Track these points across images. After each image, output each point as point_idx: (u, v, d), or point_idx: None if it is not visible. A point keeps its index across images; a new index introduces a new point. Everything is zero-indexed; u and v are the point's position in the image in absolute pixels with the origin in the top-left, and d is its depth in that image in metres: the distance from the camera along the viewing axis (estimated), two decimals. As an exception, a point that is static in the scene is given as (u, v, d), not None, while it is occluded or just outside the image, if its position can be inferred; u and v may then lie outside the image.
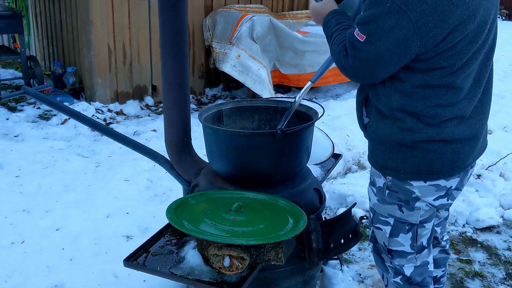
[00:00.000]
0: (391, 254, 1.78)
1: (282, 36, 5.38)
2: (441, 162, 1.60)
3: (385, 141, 1.65)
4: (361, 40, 1.50)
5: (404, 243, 1.73)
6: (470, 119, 1.60)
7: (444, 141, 1.58)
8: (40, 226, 2.97)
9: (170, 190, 3.45)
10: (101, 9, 5.01)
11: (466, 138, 1.60)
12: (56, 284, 2.46)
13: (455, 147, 1.59)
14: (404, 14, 1.42)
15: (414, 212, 1.68)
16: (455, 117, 1.57)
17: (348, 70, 1.59)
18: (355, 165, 3.99)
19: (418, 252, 1.76)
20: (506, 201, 3.40)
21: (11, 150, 4.03)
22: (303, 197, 1.99)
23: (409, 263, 1.77)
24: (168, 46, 2.07)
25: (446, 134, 1.57)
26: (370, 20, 1.48)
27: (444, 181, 1.65)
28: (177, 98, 2.14)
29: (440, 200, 1.67)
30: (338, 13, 1.74)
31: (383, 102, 1.63)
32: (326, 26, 1.74)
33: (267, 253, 1.64)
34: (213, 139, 1.98)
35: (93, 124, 2.29)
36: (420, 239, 1.74)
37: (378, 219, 1.77)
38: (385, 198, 1.71)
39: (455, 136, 1.58)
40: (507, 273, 2.71)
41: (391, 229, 1.73)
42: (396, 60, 1.50)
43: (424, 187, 1.64)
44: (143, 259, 1.74)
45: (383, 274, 1.91)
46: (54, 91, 5.41)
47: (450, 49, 1.49)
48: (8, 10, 5.52)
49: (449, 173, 1.62)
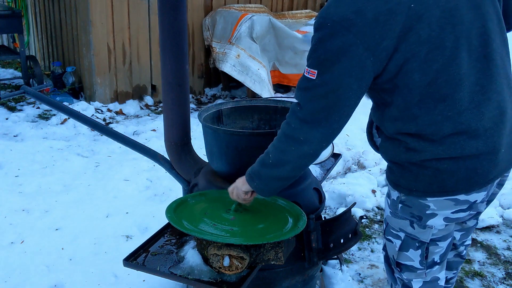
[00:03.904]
0: (400, 267, 1.73)
1: (281, 35, 5.38)
2: (454, 180, 1.50)
3: (395, 160, 1.60)
4: (313, 78, 1.41)
5: (414, 258, 1.68)
6: (485, 132, 1.47)
7: (454, 159, 1.48)
8: (39, 226, 2.97)
9: (170, 189, 3.45)
10: (100, 9, 5.00)
11: (481, 154, 1.48)
12: (56, 284, 2.46)
13: (470, 164, 1.48)
14: (347, 31, 1.36)
15: (425, 230, 1.61)
16: (461, 132, 1.46)
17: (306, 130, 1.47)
18: (354, 164, 3.99)
19: (428, 268, 1.70)
20: (505, 201, 3.41)
21: (10, 150, 4.02)
22: (303, 197, 1.99)
23: (418, 278, 1.72)
24: (167, 46, 2.07)
25: (454, 151, 1.47)
26: (316, 47, 1.41)
27: (465, 196, 1.54)
28: (177, 98, 2.14)
29: (460, 213, 1.58)
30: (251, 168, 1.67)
31: (383, 128, 1.59)
32: (255, 172, 1.64)
33: (266, 253, 1.64)
34: (212, 139, 1.98)
35: (92, 124, 2.29)
36: (431, 256, 1.68)
37: (389, 232, 1.72)
38: (398, 212, 1.65)
39: (466, 153, 1.47)
40: (506, 272, 2.71)
41: (401, 244, 1.68)
42: (356, 86, 1.41)
43: (440, 201, 1.56)
44: (143, 259, 1.74)
45: (391, 284, 1.88)
46: (53, 90, 5.40)
47: (411, 60, 1.40)
48: (8, 9, 5.52)
49: (466, 190, 1.52)
